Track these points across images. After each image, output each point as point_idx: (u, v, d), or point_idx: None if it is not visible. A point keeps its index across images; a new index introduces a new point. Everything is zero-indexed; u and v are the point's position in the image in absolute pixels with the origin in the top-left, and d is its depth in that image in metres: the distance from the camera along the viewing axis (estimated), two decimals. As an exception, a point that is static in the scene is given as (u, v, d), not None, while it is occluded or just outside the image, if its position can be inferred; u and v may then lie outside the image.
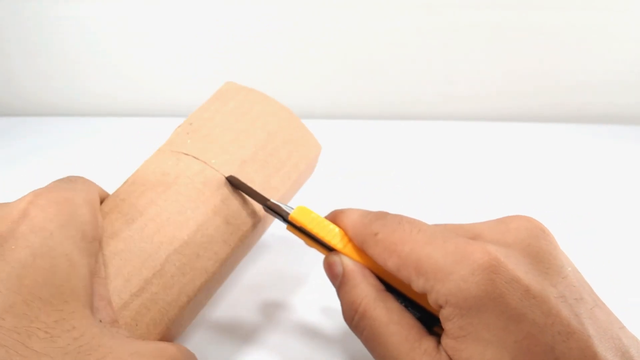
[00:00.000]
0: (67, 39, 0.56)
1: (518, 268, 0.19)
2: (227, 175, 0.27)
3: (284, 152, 0.30)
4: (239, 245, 0.26)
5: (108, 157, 0.50)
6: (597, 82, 0.56)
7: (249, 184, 0.27)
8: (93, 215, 0.21)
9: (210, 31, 0.55)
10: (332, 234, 0.25)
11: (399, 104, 0.59)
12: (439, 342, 0.20)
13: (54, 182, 0.22)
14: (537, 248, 0.20)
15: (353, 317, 0.22)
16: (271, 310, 0.31)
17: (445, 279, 0.19)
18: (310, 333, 0.30)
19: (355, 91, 0.58)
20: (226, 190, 0.26)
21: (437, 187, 0.45)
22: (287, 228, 0.26)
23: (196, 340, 0.29)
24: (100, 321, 0.19)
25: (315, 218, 0.25)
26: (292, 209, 0.25)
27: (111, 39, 0.56)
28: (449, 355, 0.19)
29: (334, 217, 0.25)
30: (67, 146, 0.52)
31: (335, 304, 0.25)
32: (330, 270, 0.24)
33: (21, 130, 0.56)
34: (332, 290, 0.25)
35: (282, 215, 0.25)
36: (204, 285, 0.24)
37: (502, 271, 0.19)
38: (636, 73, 0.56)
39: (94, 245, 0.20)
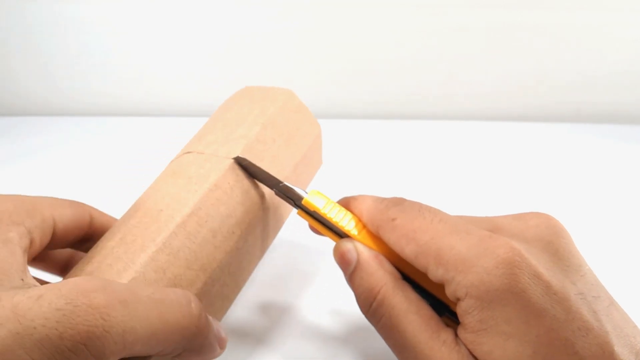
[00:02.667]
0: (68, 38, 0.56)
1: (539, 264, 0.19)
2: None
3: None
4: (204, 199, 0.24)
5: (108, 157, 0.50)
6: (597, 82, 0.56)
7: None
8: (15, 205, 0.21)
9: (211, 31, 0.55)
10: (346, 220, 0.24)
11: (399, 104, 0.59)
12: (455, 334, 0.20)
13: None
14: (557, 246, 0.20)
15: (371, 304, 0.22)
16: (276, 311, 0.31)
17: (467, 270, 0.19)
18: (316, 333, 0.30)
19: (356, 91, 0.58)
20: (188, 159, 0.27)
21: (437, 187, 0.45)
22: (298, 213, 0.25)
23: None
24: (23, 280, 0.18)
25: (329, 203, 0.24)
26: (306, 193, 0.24)
27: (112, 39, 0.56)
28: (468, 349, 0.19)
29: (346, 203, 0.25)
30: (67, 146, 0.52)
31: (341, 304, 0.24)
32: (343, 257, 0.23)
33: (21, 130, 0.56)
34: (337, 291, 0.24)
35: (294, 200, 0.24)
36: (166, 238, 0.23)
37: (525, 266, 0.19)
38: (636, 73, 0.56)
39: (19, 228, 0.20)
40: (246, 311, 0.31)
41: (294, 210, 0.25)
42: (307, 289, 0.33)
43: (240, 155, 0.26)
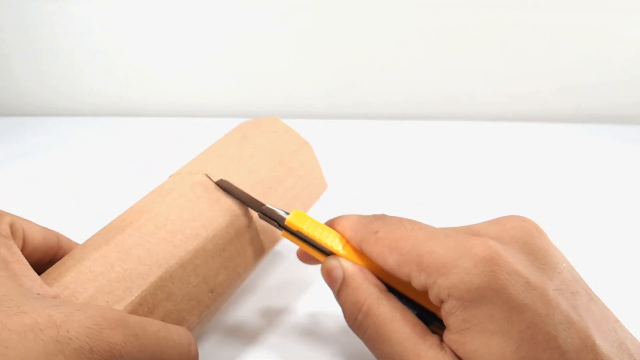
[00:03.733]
0: (67, 38, 0.56)
1: (517, 262, 0.20)
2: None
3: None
4: (164, 206, 0.26)
5: (108, 157, 0.50)
6: (596, 82, 0.56)
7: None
8: None
9: (210, 31, 0.55)
10: (329, 237, 0.24)
11: (398, 104, 0.59)
12: (441, 340, 0.20)
13: None
14: (533, 245, 0.21)
15: (356, 316, 0.22)
16: (273, 313, 0.31)
17: (447, 272, 0.20)
18: (311, 335, 0.30)
19: (355, 91, 0.58)
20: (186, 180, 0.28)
21: (436, 188, 0.45)
22: (283, 234, 0.25)
23: (200, 342, 0.29)
24: (39, 294, 0.19)
25: (312, 222, 0.25)
26: (288, 214, 0.25)
27: (112, 39, 0.56)
28: (452, 351, 0.19)
29: (331, 224, 0.25)
30: (67, 146, 0.52)
31: (335, 307, 0.25)
32: (329, 274, 0.24)
33: (21, 130, 0.56)
34: (331, 293, 0.25)
35: (278, 221, 0.25)
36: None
37: (503, 264, 0.19)
38: (636, 73, 0.56)
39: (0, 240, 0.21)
40: (246, 313, 0.31)
41: None
42: (304, 293, 0.33)
43: (209, 174, 0.27)
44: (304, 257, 0.27)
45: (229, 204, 0.27)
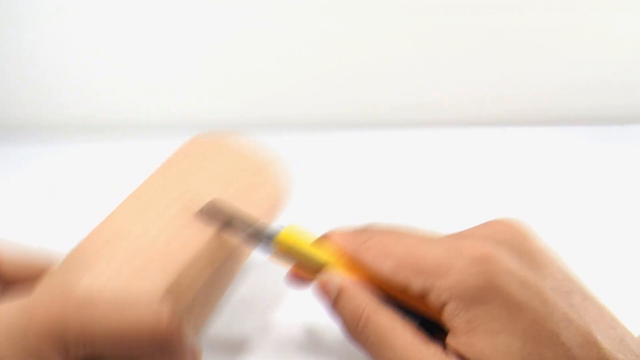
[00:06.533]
0: (68, 43, 0.55)
1: (510, 262, 0.20)
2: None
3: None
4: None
5: (108, 162, 0.50)
6: (595, 84, 0.56)
7: None
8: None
9: (204, 39, 0.54)
10: (323, 253, 0.24)
11: (393, 111, 0.58)
12: (443, 347, 0.20)
13: None
14: (525, 246, 0.21)
15: (357, 324, 0.22)
16: (264, 325, 0.31)
17: (445, 274, 0.20)
18: (306, 346, 0.30)
19: (351, 97, 0.57)
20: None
21: (428, 195, 0.45)
22: (273, 255, 0.25)
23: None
24: None
25: (304, 239, 0.24)
26: (278, 230, 0.24)
27: (111, 45, 0.55)
28: (460, 354, 0.19)
29: (323, 239, 0.25)
30: (68, 151, 0.52)
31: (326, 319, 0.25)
32: (325, 287, 0.23)
33: (21, 134, 0.56)
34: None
35: (269, 237, 0.24)
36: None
37: (496, 263, 0.19)
38: (634, 74, 0.55)
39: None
40: (231, 325, 0.31)
41: None
42: (291, 304, 0.33)
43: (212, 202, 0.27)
44: (295, 279, 0.26)
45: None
